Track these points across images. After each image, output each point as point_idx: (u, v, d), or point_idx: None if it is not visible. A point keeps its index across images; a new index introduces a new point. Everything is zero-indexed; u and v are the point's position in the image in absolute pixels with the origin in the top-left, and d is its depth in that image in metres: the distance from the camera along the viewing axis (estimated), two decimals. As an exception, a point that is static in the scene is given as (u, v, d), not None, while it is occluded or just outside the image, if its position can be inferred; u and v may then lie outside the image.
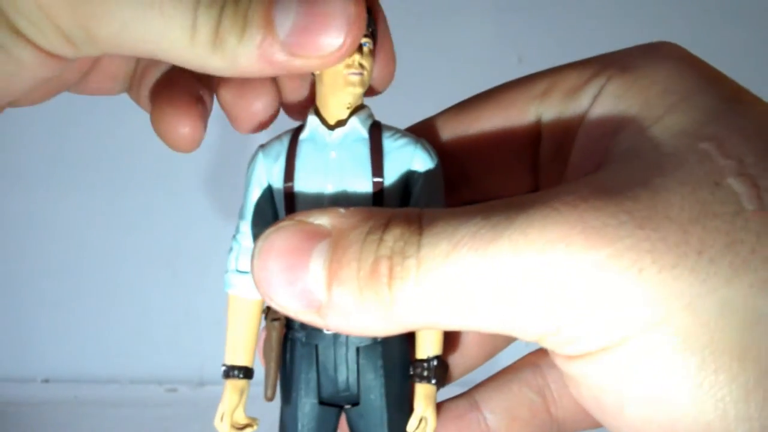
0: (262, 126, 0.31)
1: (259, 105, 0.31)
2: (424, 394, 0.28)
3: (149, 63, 0.33)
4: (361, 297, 0.23)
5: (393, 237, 0.23)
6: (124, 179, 0.78)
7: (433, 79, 0.73)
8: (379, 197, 0.27)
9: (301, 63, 0.25)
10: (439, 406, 0.31)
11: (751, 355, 0.21)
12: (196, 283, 0.78)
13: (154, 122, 0.31)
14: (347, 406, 0.29)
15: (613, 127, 0.25)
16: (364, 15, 0.25)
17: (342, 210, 0.24)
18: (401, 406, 0.29)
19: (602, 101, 0.26)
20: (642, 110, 0.25)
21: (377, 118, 0.29)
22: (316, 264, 0.23)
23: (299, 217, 0.24)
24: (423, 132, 0.30)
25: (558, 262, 0.21)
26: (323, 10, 0.24)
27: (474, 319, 0.23)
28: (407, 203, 0.28)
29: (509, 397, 0.31)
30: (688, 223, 0.21)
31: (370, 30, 0.28)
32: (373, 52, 0.28)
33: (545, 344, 0.23)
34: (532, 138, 0.29)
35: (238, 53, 0.24)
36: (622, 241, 0.21)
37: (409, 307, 0.23)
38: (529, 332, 0.22)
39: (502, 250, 0.21)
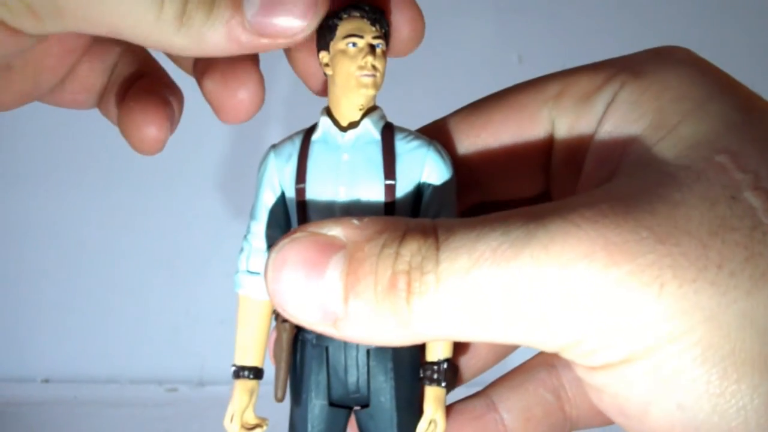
0: (248, 115, 0.31)
1: (244, 94, 0.30)
2: (433, 396, 0.28)
3: (121, 74, 0.32)
4: (379, 310, 0.23)
5: (410, 251, 0.23)
6: (123, 179, 0.78)
7: (434, 79, 0.73)
8: (391, 200, 0.27)
9: (267, 42, 0.25)
10: (455, 407, 0.31)
11: None
12: (196, 283, 0.78)
13: (121, 122, 0.31)
14: (357, 408, 0.29)
15: (628, 136, 0.25)
16: None
17: (356, 221, 0.24)
18: (411, 409, 0.29)
19: (616, 108, 0.26)
20: (656, 118, 0.25)
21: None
22: (332, 276, 0.23)
23: (312, 228, 0.24)
24: (434, 133, 0.30)
25: (580, 277, 0.21)
26: None
27: (494, 333, 0.23)
28: (419, 206, 0.28)
29: (525, 397, 0.31)
30: (708, 237, 0.22)
31: (383, 31, 0.28)
32: (386, 54, 0.28)
33: (566, 355, 0.23)
34: (545, 142, 0.29)
35: (204, 31, 0.25)
36: (644, 257, 0.21)
37: (428, 321, 0.23)
38: (550, 344, 0.23)
39: (523, 266, 0.22)
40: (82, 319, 0.81)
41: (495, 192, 0.31)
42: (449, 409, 0.31)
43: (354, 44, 0.27)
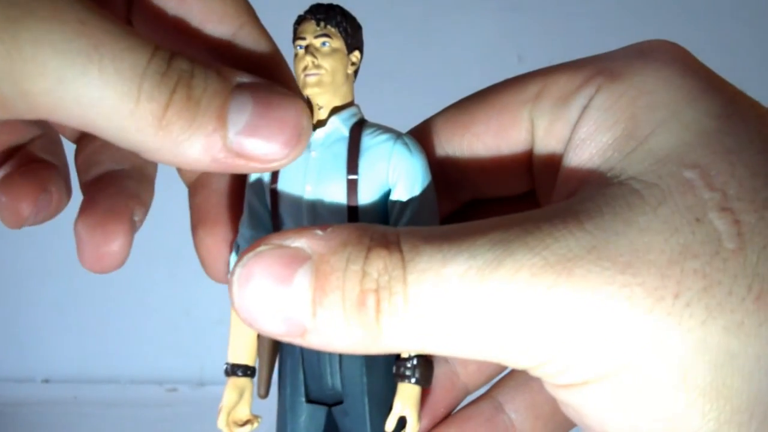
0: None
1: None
2: (404, 393, 0.28)
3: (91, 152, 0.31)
4: (348, 324, 0.23)
5: (376, 270, 0.23)
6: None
7: (433, 79, 0.73)
8: (353, 195, 0.27)
9: (242, 164, 0.24)
10: (463, 413, 0.32)
11: (723, 394, 0.22)
12: (196, 283, 0.78)
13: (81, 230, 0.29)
14: (334, 405, 0.29)
15: (600, 145, 0.25)
16: (310, 128, 0.25)
17: (319, 231, 0.24)
18: (385, 406, 0.28)
19: (590, 114, 0.26)
20: (629, 127, 0.25)
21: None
22: (299, 289, 0.23)
23: (275, 240, 0.24)
24: (421, 134, 0.30)
25: (544, 306, 0.22)
26: (278, 116, 0.24)
27: (463, 350, 0.23)
28: (387, 199, 0.28)
29: (531, 395, 0.31)
30: (667, 266, 0.22)
31: (333, 28, 0.28)
32: (341, 51, 0.28)
33: (534, 374, 0.24)
34: (526, 142, 0.29)
35: (182, 140, 0.23)
36: (603, 288, 0.22)
37: (397, 338, 0.23)
38: (517, 364, 0.23)
39: (490, 293, 0.22)
40: (82, 319, 0.81)
41: (484, 190, 0.31)
42: (456, 416, 0.31)
43: (301, 46, 0.28)
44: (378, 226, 0.24)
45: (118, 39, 0.22)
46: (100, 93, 0.22)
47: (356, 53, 0.28)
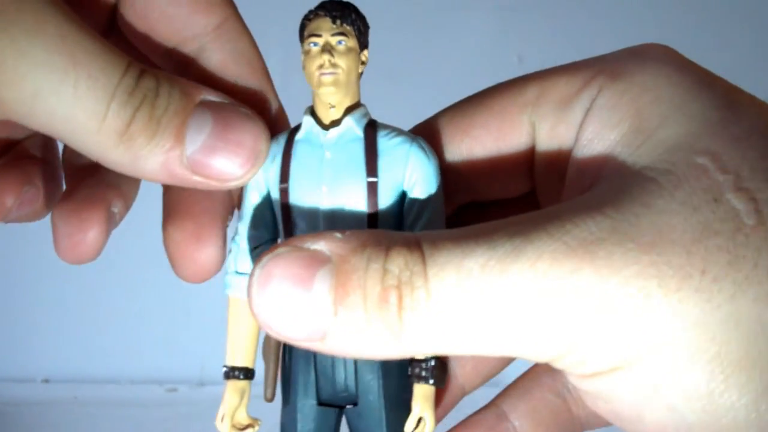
0: (207, 277, 0.30)
1: (205, 255, 0.30)
2: (422, 394, 0.28)
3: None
4: (370, 323, 0.23)
5: (397, 266, 0.23)
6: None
7: (433, 79, 0.73)
8: (373, 198, 0.27)
9: (199, 180, 0.26)
10: (468, 422, 0.32)
11: (759, 364, 0.22)
12: (196, 283, 0.78)
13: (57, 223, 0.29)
14: (348, 407, 0.29)
15: (609, 142, 0.26)
16: (268, 149, 0.26)
17: (338, 234, 0.24)
18: (400, 407, 0.28)
19: (595, 114, 0.26)
20: (635, 122, 0.25)
21: (377, 117, 0.29)
22: (320, 290, 0.23)
23: (295, 242, 0.24)
24: (421, 135, 0.30)
25: (567, 292, 0.22)
26: (236, 138, 0.25)
27: (486, 346, 0.23)
28: (403, 203, 0.28)
29: (533, 403, 0.32)
30: (691, 243, 0.22)
31: (348, 27, 0.28)
32: (354, 50, 0.28)
33: (558, 365, 0.23)
34: (527, 145, 0.29)
35: (142, 155, 0.25)
36: (628, 269, 0.22)
37: (420, 335, 0.23)
38: (541, 356, 0.23)
39: (511, 282, 0.22)
40: (82, 319, 0.81)
41: (482, 193, 0.31)
42: (461, 425, 0.32)
43: (315, 44, 0.27)
44: (396, 231, 0.24)
45: (95, 57, 0.23)
46: (70, 110, 0.23)
47: (365, 52, 0.28)
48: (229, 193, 0.30)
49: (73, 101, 0.23)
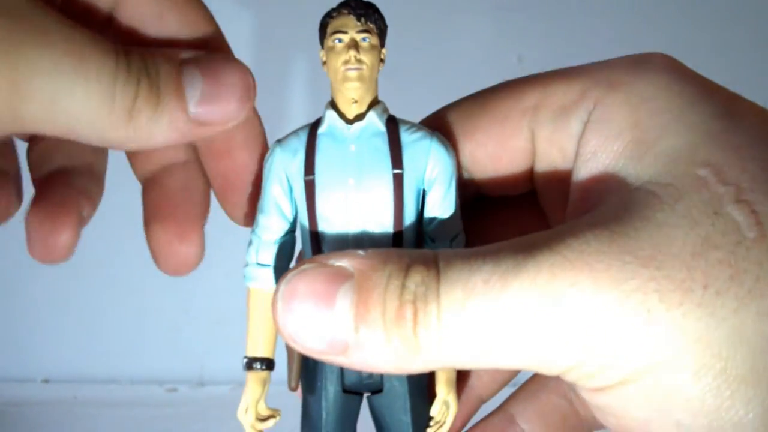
0: (189, 269, 0.32)
1: (189, 249, 0.31)
2: (445, 379, 0.29)
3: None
4: (388, 339, 0.23)
5: (414, 282, 0.23)
6: (123, 179, 0.78)
7: (433, 79, 0.73)
8: (399, 188, 0.28)
9: (205, 130, 0.27)
10: (478, 427, 0.33)
11: (765, 379, 0.22)
12: (196, 283, 0.78)
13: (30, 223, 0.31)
14: (368, 394, 0.30)
15: (611, 157, 0.26)
16: (255, 84, 0.28)
17: (361, 252, 0.25)
18: (422, 393, 0.29)
19: (594, 128, 0.26)
20: (636, 134, 0.25)
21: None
22: (342, 306, 0.23)
23: (320, 259, 0.25)
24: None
25: (568, 305, 0.22)
26: (226, 81, 0.27)
27: (496, 360, 0.23)
28: (424, 193, 0.29)
29: (540, 406, 0.32)
30: (692, 258, 0.22)
31: (371, 24, 0.28)
32: (377, 47, 0.28)
33: (567, 378, 0.24)
34: (527, 150, 0.30)
35: (151, 125, 0.26)
36: (627, 283, 0.22)
37: (434, 350, 0.23)
38: (549, 369, 0.23)
39: (513, 297, 0.22)
40: (82, 319, 0.81)
41: (487, 190, 0.32)
42: (472, 430, 0.33)
43: (340, 40, 0.28)
44: (416, 249, 0.25)
45: (93, 50, 0.24)
46: (84, 105, 0.24)
47: (384, 50, 0.29)
48: (206, 194, 0.32)
49: (86, 95, 0.24)
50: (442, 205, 0.29)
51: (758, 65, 0.75)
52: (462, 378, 0.32)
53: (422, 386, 0.29)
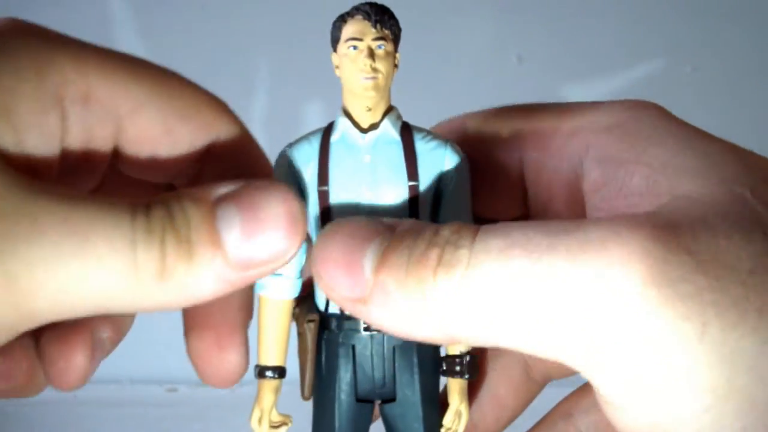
0: (234, 381, 0.29)
1: (233, 358, 0.29)
2: (458, 388, 0.29)
3: None
4: (405, 282, 0.22)
5: (450, 230, 0.22)
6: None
7: (433, 79, 0.73)
8: (414, 202, 0.28)
9: (256, 273, 0.23)
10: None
11: None
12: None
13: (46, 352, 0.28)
14: (382, 403, 0.30)
15: (630, 177, 0.24)
16: (304, 209, 0.24)
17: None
18: (433, 402, 0.29)
19: (593, 168, 0.26)
20: (643, 170, 0.24)
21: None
22: (372, 250, 0.23)
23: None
24: None
25: (615, 289, 0.20)
26: (266, 214, 0.23)
27: (505, 334, 0.21)
28: (439, 204, 0.29)
29: (598, 415, 0.31)
30: (747, 275, 0.20)
31: (387, 31, 0.28)
32: (392, 54, 0.28)
33: (590, 379, 0.22)
34: (519, 177, 0.30)
35: (189, 282, 0.23)
36: (683, 284, 0.19)
37: (449, 302, 0.22)
38: (568, 363, 0.21)
39: (556, 260, 0.20)
40: (82, 319, 0.81)
41: (480, 212, 0.31)
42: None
43: (355, 47, 0.27)
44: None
45: (100, 219, 0.22)
46: (102, 283, 0.22)
47: (397, 55, 0.29)
48: (247, 297, 0.29)
49: (101, 274, 0.21)
50: (455, 213, 0.29)
51: (758, 65, 0.75)
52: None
53: (433, 396, 0.29)
